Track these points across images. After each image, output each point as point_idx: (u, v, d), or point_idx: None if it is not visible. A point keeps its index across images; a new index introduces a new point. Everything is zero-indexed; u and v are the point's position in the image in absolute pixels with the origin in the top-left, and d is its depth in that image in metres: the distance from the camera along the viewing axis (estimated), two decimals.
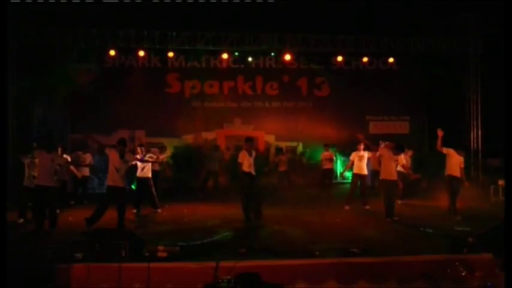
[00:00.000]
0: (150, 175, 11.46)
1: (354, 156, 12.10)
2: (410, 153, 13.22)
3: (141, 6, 13.59)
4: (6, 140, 13.53)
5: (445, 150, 10.60)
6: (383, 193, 10.46)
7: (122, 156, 8.96)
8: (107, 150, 9.19)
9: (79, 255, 6.36)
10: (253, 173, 10.05)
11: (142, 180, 11.37)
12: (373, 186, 14.01)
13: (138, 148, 11.82)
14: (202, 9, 13.86)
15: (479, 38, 16.29)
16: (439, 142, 10.47)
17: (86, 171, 13.11)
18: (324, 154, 14.63)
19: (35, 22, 14.52)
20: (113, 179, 8.93)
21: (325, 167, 14.58)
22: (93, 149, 14.30)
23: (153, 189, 11.47)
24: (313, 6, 14.54)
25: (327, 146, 14.70)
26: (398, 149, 10.64)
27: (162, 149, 13.12)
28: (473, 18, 16.20)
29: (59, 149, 10.92)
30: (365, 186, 12.27)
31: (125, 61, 16.74)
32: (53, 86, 15.49)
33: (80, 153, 13.03)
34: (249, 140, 10.53)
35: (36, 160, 9.41)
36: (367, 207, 11.71)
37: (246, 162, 9.98)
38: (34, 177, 9.74)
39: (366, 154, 11.98)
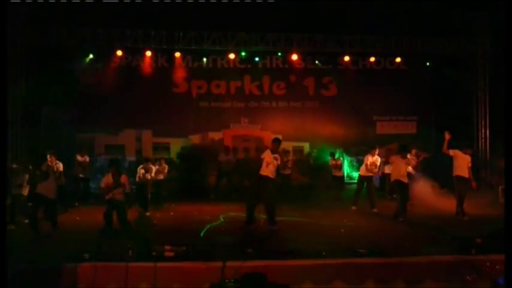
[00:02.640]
0: (149, 178, 11.72)
1: (367, 159, 12.04)
2: (414, 152, 13.10)
3: (148, 7, 13.62)
4: (8, 141, 13.60)
5: (451, 152, 10.61)
6: (397, 195, 10.42)
7: (116, 180, 8.78)
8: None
9: (86, 254, 6.38)
10: (272, 176, 9.36)
11: (141, 185, 11.67)
12: (383, 188, 13.95)
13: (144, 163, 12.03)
14: (209, 9, 13.86)
15: (487, 37, 16.21)
16: (445, 145, 10.47)
17: (84, 173, 13.22)
18: (332, 162, 14.53)
19: (43, 22, 14.61)
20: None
21: (334, 174, 14.52)
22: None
23: (148, 193, 11.68)
24: (320, 6, 14.50)
25: (333, 155, 14.65)
26: (403, 150, 10.63)
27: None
28: (481, 17, 16.13)
29: (49, 156, 10.83)
30: (372, 188, 12.20)
31: (132, 61, 16.78)
32: (60, 86, 15.55)
33: (78, 156, 13.08)
34: (277, 141, 9.63)
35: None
36: (375, 210, 11.61)
37: (266, 163, 9.27)
38: (20, 185, 9.77)
39: (378, 161, 11.96)
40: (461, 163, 10.60)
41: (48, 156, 10.62)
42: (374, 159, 11.97)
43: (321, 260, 6.56)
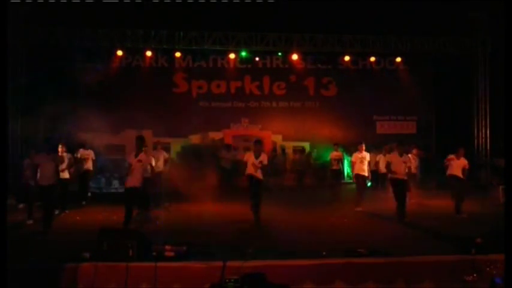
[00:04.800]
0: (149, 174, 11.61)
1: (355, 157, 11.99)
2: (415, 151, 13.05)
3: (148, 7, 13.63)
4: (9, 139, 13.62)
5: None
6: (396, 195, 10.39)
7: (136, 155, 8.96)
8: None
9: (87, 254, 6.38)
10: (260, 176, 9.83)
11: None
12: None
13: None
14: (209, 9, 13.86)
15: (487, 37, 16.22)
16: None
17: (89, 166, 13.01)
18: (333, 154, 14.46)
19: (44, 22, 14.62)
20: (129, 179, 8.93)
21: (333, 167, 14.43)
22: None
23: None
24: (320, 6, 14.50)
25: (336, 146, 14.51)
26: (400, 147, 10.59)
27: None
28: (481, 17, 16.13)
29: (59, 148, 10.99)
30: (364, 188, 12.13)
31: (132, 61, 16.78)
32: (61, 86, 15.56)
33: (81, 150, 13.02)
34: (258, 142, 10.23)
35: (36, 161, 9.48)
36: (359, 208, 11.49)
37: (251, 164, 9.81)
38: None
39: (367, 156, 11.89)
40: (455, 163, 10.94)
41: (59, 146, 10.79)
42: (362, 155, 11.90)
43: (321, 260, 6.56)
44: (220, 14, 14.29)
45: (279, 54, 17.04)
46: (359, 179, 11.99)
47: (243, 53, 16.65)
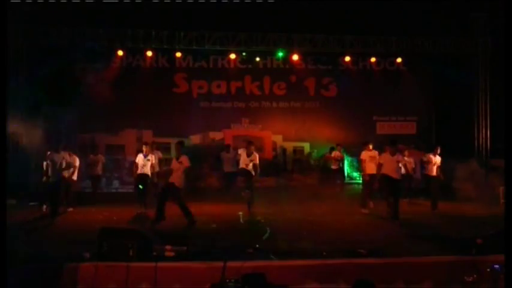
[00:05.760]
0: (149, 173, 11.83)
1: (364, 155, 11.73)
2: (406, 153, 12.98)
3: (149, 7, 13.63)
4: (8, 141, 13.65)
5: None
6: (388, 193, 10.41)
7: (177, 158, 10.06)
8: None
9: (87, 254, 6.38)
10: (251, 171, 11.11)
11: (142, 177, 11.75)
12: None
13: (144, 146, 11.98)
14: (210, 10, 13.87)
15: (488, 37, 16.21)
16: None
17: (98, 171, 13.70)
18: (334, 153, 14.40)
19: (43, 22, 14.62)
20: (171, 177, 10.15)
21: (333, 166, 14.37)
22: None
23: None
24: (321, 6, 14.50)
25: (339, 146, 14.48)
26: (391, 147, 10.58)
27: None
28: (482, 18, 16.13)
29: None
30: (374, 188, 11.74)
31: (132, 61, 16.77)
32: (61, 86, 15.55)
33: (91, 155, 13.58)
34: (249, 143, 11.57)
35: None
36: (364, 210, 11.45)
37: (242, 161, 11.24)
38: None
39: (376, 154, 11.65)
40: (431, 163, 11.86)
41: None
42: (372, 153, 11.72)
43: (321, 260, 6.56)
44: (220, 14, 14.29)
45: (279, 54, 16.97)
46: (371, 178, 11.44)
47: (244, 53, 16.63)
